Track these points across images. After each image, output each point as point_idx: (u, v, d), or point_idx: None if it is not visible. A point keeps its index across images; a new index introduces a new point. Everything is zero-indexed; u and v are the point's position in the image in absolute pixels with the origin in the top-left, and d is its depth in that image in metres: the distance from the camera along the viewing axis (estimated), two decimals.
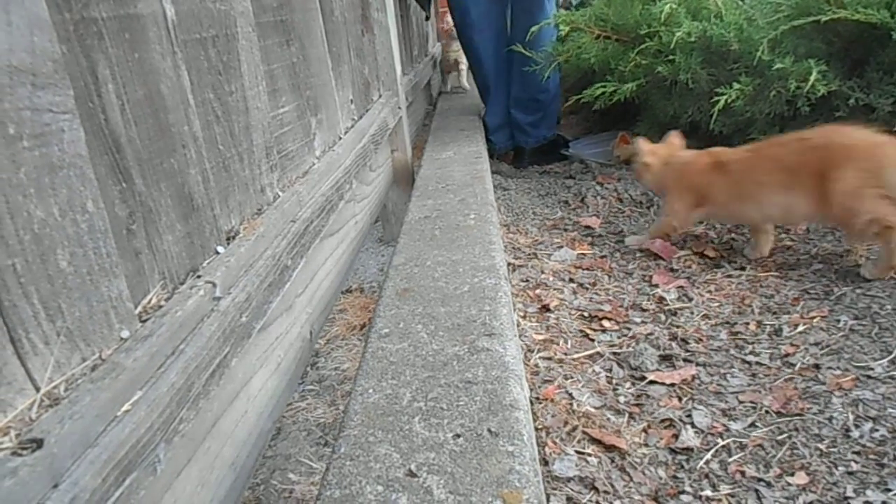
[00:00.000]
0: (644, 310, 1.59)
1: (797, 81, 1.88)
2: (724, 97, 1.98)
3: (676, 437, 1.14)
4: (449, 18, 3.57)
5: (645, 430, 1.17)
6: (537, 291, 1.69)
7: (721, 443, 1.11)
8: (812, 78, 1.84)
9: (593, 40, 2.53)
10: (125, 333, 0.64)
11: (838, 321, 1.42)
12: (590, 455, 1.10)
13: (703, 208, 1.85)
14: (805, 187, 1.59)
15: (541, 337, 1.47)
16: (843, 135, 1.57)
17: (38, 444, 0.49)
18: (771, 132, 2.05)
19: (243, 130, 0.98)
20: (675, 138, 1.99)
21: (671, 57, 2.22)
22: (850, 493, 0.98)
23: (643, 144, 1.97)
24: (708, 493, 1.01)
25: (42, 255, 0.54)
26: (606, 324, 1.53)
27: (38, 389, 0.53)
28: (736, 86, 1.99)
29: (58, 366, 0.55)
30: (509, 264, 1.83)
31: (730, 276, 1.71)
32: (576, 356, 1.40)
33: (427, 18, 3.92)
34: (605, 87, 2.42)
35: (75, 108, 0.58)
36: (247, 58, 1.01)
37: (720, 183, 1.78)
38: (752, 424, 1.15)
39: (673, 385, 1.28)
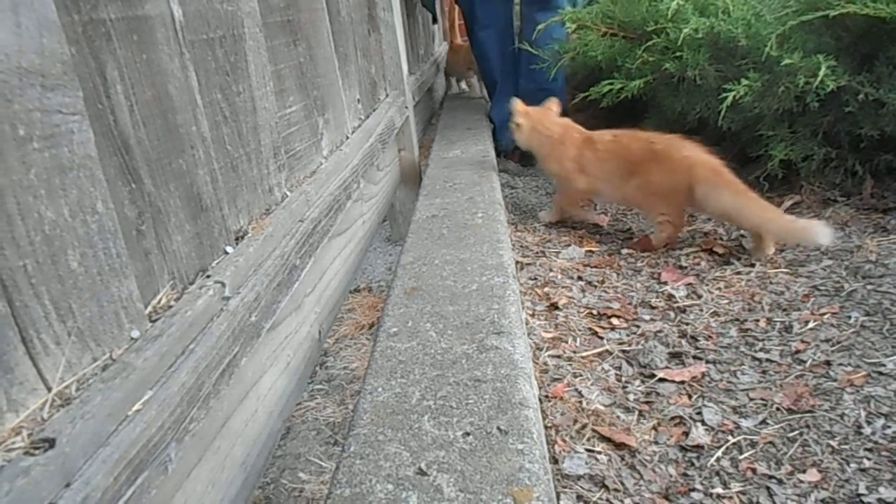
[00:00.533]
0: (653, 307, 1.59)
1: (806, 77, 1.87)
2: (733, 93, 1.97)
3: (687, 434, 1.13)
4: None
5: (655, 428, 1.16)
6: (546, 289, 1.69)
7: (732, 440, 1.11)
8: (821, 73, 1.82)
9: (600, 38, 2.52)
10: (135, 333, 0.64)
11: (849, 317, 1.41)
12: (600, 453, 1.09)
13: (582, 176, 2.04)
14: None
15: (549, 335, 1.47)
16: (676, 147, 1.86)
17: (50, 443, 0.49)
18: (780, 128, 2.04)
19: (251, 130, 0.98)
20: (552, 104, 2.20)
21: (678, 53, 2.21)
22: (862, 490, 0.97)
23: (517, 105, 2.18)
24: (719, 490, 1.01)
25: (53, 256, 0.54)
26: (615, 321, 1.53)
27: (49, 389, 0.53)
28: (744, 82, 1.97)
29: (69, 366, 0.56)
30: (517, 262, 1.83)
31: (739, 272, 1.71)
32: (585, 354, 1.39)
33: (434, 21, 3.92)
34: (612, 84, 2.41)
35: (84, 109, 0.58)
36: (254, 58, 1.01)
37: (590, 158, 2.00)
38: (763, 422, 1.15)
39: (683, 382, 1.28)
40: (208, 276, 0.79)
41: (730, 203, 1.74)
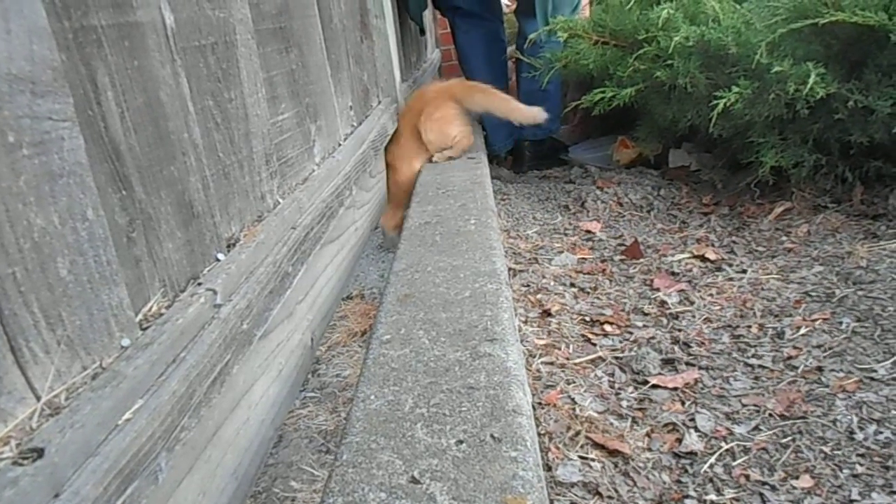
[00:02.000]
0: (646, 314, 1.59)
1: (796, 84, 1.88)
2: (723, 101, 1.98)
3: (680, 441, 1.13)
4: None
5: (648, 435, 1.16)
6: (538, 296, 1.69)
7: (725, 446, 1.11)
8: (811, 80, 1.83)
9: (591, 46, 2.53)
10: (126, 342, 0.63)
11: (840, 323, 1.42)
12: (593, 460, 1.09)
13: None
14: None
15: (542, 342, 1.47)
16: (435, 87, 2.37)
17: (39, 453, 0.49)
18: (770, 135, 2.05)
19: (243, 137, 0.98)
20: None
21: (669, 61, 2.22)
22: (855, 496, 0.97)
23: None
24: (712, 497, 1.01)
25: (42, 264, 0.54)
26: (608, 328, 1.53)
27: (38, 398, 0.53)
28: (735, 89, 1.98)
29: (58, 374, 0.55)
30: (510, 269, 1.83)
31: (731, 279, 1.71)
32: (578, 361, 1.39)
33: (422, 33, 3.94)
34: (603, 92, 2.42)
35: (75, 115, 0.58)
36: (246, 65, 1.01)
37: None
38: (756, 428, 1.15)
39: (676, 389, 1.28)
40: (200, 284, 0.79)
41: (483, 101, 2.32)
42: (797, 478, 1.03)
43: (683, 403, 1.24)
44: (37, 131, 0.53)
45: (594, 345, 1.46)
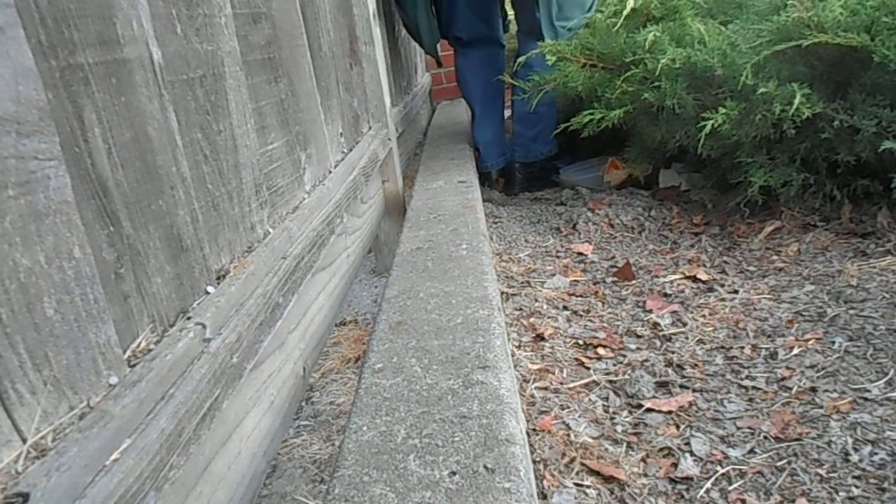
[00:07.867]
0: (639, 336, 1.59)
1: (782, 105, 1.90)
2: (711, 122, 2.00)
3: (675, 465, 1.13)
4: None
5: (643, 460, 1.15)
6: (531, 320, 1.69)
7: (720, 471, 1.10)
8: (796, 101, 1.86)
9: (579, 69, 2.56)
10: (114, 380, 0.63)
11: (833, 343, 1.42)
12: (588, 487, 1.08)
13: None
14: None
15: (536, 366, 1.46)
16: None
17: (25, 498, 0.48)
18: (758, 155, 2.07)
19: (232, 169, 0.98)
20: None
21: (657, 83, 2.24)
22: None
23: None
24: None
25: (28, 304, 0.53)
26: (601, 351, 1.52)
27: (24, 441, 0.52)
28: (722, 110, 2.00)
29: (45, 415, 0.54)
30: (502, 293, 1.83)
31: (723, 299, 1.71)
32: (572, 385, 1.39)
33: (439, 65, 4.01)
34: (592, 114, 2.44)
35: (61, 154, 0.58)
36: (235, 97, 1.01)
37: None
38: (751, 451, 1.15)
39: (670, 412, 1.27)
40: (189, 318, 0.78)
41: None
42: (793, 501, 1.02)
43: (678, 427, 1.23)
44: (22, 171, 0.53)
45: (588, 368, 1.46)
